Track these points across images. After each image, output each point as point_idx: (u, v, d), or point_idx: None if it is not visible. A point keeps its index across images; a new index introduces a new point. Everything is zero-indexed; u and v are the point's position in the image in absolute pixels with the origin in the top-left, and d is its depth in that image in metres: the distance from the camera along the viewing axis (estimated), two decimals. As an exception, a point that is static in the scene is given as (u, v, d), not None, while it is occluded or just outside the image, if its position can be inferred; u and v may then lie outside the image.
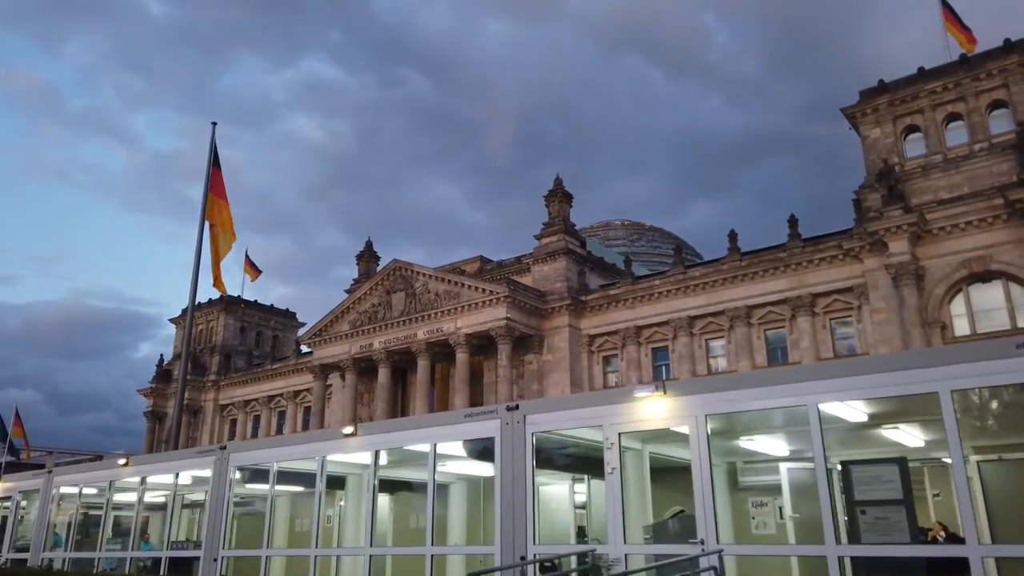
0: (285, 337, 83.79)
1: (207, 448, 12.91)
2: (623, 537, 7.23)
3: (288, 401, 70.97)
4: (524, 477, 7.94)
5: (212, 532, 11.80)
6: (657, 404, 7.49)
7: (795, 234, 49.07)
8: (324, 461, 10.64)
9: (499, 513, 8.07)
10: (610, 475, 7.46)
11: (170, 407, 78.91)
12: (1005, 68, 44.19)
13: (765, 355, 49.03)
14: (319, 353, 62.77)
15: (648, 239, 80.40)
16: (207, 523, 12.06)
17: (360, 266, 68.42)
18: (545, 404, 9.94)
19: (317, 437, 12.69)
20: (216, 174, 32.43)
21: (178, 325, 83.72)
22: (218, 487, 12.03)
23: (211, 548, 11.73)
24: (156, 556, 13.61)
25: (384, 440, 10.00)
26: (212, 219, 31.73)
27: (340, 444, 10.60)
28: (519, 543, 7.75)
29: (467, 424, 9.01)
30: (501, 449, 8.23)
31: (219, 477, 12.05)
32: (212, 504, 11.99)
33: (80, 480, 16.18)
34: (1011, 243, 41.58)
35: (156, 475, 14.59)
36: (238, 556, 12.38)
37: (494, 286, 54.05)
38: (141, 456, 19.78)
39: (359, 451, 10.47)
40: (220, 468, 12.11)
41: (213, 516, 11.91)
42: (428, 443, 9.60)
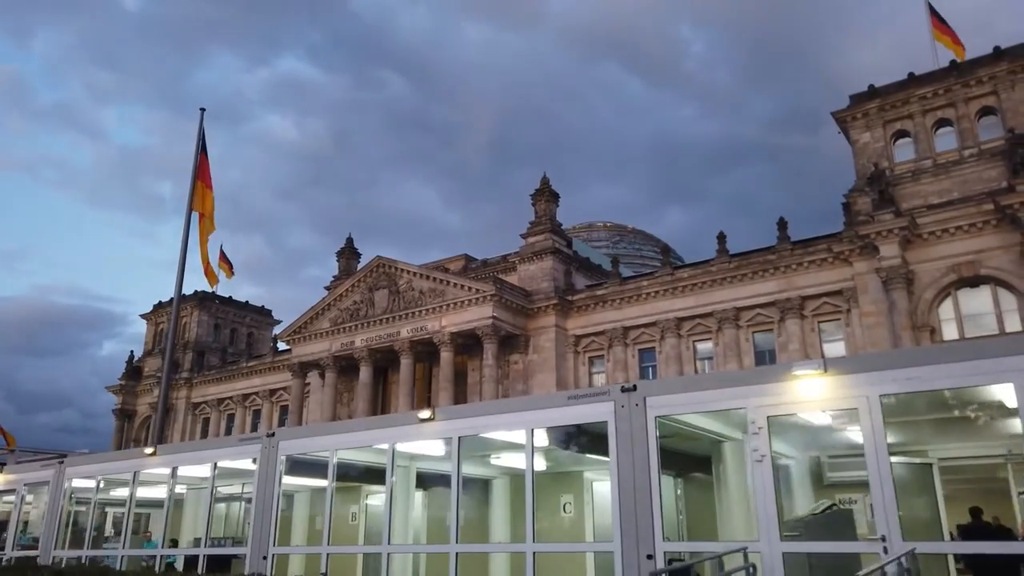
0: (260, 335, 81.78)
1: (251, 436, 11.68)
2: (778, 534, 6.28)
3: (264, 400, 69.09)
4: (647, 466, 6.96)
5: (260, 528, 10.61)
6: (816, 383, 6.56)
7: (784, 236, 48.72)
8: (395, 449, 9.50)
9: (618, 507, 7.08)
10: (758, 463, 6.50)
11: (140, 405, 76.63)
12: (995, 75, 44.28)
13: (753, 357, 48.55)
14: (298, 351, 61.10)
15: (630, 241, 79.89)
16: (254, 518, 10.83)
17: (340, 263, 66.92)
18: (668, 384, 8.97)
19: (386, 423, 11.48)
20: (203, 161, 31.15)
21: (149, 321, 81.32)
22: (266, 479, 10.83)
23: (259, 545, 10.54)
24: (192, 554, 12.34)
25: (466, 426, 8.91)
26: (200, 208, 30.44)
27: (414, 431, 9.45)
28: (644, 540, 6.77)
29: (571, 407, 7.96)
30: (617, 435, 7.24)
31: (267, 468, 10.85)
32: (260, 497, 10.78)
33: (97, 472, 14.77)
34: (1000, 248, 41.56)
35: (188, 466, 13.33)
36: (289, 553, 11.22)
37: (480, 284, 52.96)
38: (171, 445, 18.29)
39: (436, 438, 9.38)
40: (268, 458, 10.91)
41: (261, 511, 10.70)
42: (521, 429, 8.57)
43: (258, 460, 11.08)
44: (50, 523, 14.61)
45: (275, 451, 10.92)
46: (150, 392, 75.22)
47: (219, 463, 12.11)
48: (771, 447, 6.48)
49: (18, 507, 16.08)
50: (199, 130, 30.89)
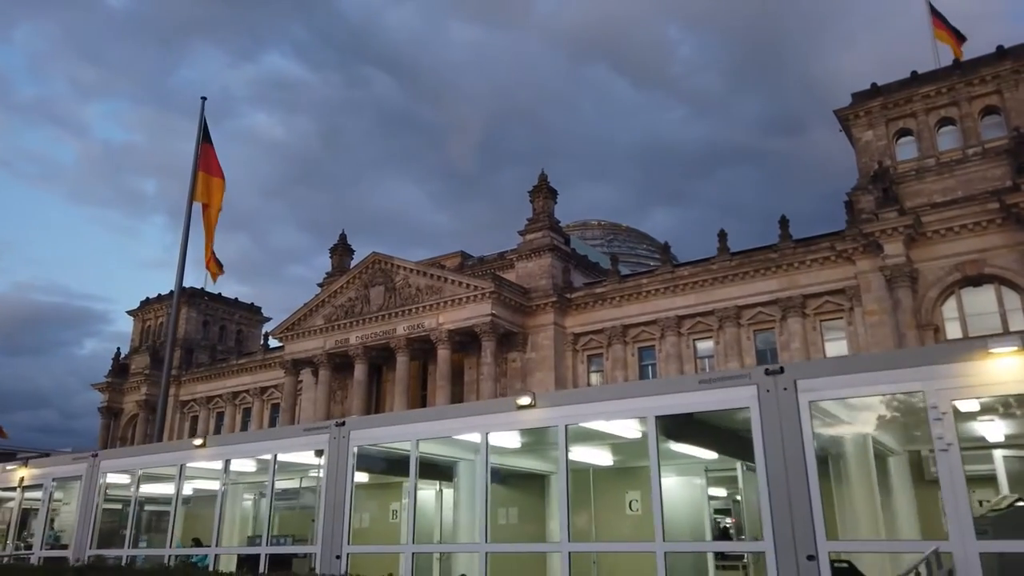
0: (249, 332, 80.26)
1: (318, 425, 10.67)
2: (973, 532, 5.47)
3: (254, 398, 67.66)
4: (802, 457, 6.11)
5: (331, 526, 9.60)
6: (1015, 362, 5.74)
7: (786, 235, 48.18)
8: (487, 439, 8.53)
9: (769, 503, 6.22)
10: (944, 453, 5.68)
11: (127, 403, 74.92)
12: (998, 74, 43.99)
13: (754, 356, 47.95)
14: (291, 348, 59.81)
15: (624, 239, 79.25)
16: (323, 515, 9.81)
17: (334, 259, 65.70)
18: (821, 366, 8.12)
19: (477, 409, 10.43)
20: (208, 151, 30.05)
21: (136, 318, 79.60)
22: (336, 472, 9.81)
23: (331, 544, 9.54)
24: (252, 553, 11.28)
25: (574, 413, 7.96)
26: (204, 198, 29.36)
27: (509, 419, 8.48)
28: (803, 539, 5.93)
29: (703, 392, 7.07)
30: (763, 422, 6.39)
31: (336, 460, 9.84)
32: (329, 493, 9.78)
33: (136, 465, 13.61)
34: (1005, 247, 41.23)
35: (243, 459, 12.25)
36: (367, 553, 10.24)
37: (479, 281, 52.00)
38: (222, 436, 17.17)
39: (536, 426, 8.45)
40: (337, 449, 9.90)
41: (332, 507, 9.70)
42: (635, 417, 7.67)
43: (325, 452, 10.08)
44: (83, 521, 13.47)
45: (346, 442, 9.89)
46: (137, 390, 73.54)
47: (279, 456, 11.05)
48: (956, 434, 5.68)
49: (46, 504, 14.88)
50: (200, 119, 29.84)
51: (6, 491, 16.68)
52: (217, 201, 29.84)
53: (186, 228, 28.58)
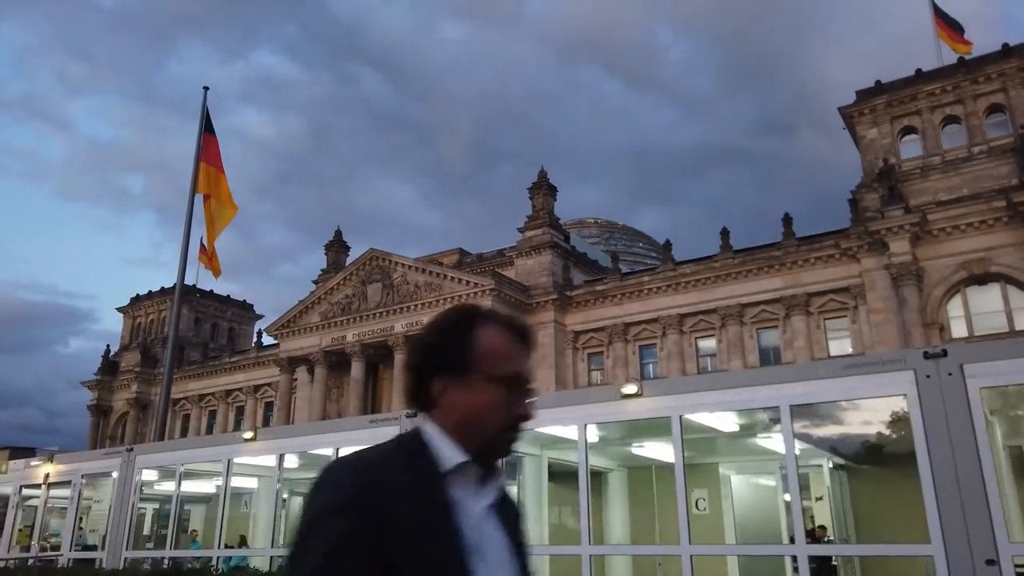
0: (242, 330, 78.93)
1: (387, 416, 9.69)
2: None
3: (248, 396, 66.42)
4: (975, 451, 5.36)
5: None
6: None
7: (789, 233, 47.63)
8: (586, 432, 7.64)
9: (936, 502, 5.45)
10: None
11: (116, 401, 73.48)
12: (1004, 72, 43.62)
13: (757, 355, 47.39)
14: (286, 345, 58.69)
15: (620, 237, 78.68)
16: None
17: (329, 256, 64.59)
18: (991, 349, 7.32)
19: (576, 399, 9.32)
20: (211, 142, 29.08)
21: (126, 315, 78.09)
22: None
23: None
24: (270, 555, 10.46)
25: (689, 403, 7.09)
26: (206, 190, 28.40)
27: (612, 409, 7.47)
28: (980, 541, 5.17)
29: (848, 380, 6.27)
30: (923, 412, 5.60)
31: None
32: None
33: (176, 460, 12.53)
34: (1011, 246, 40.83)
35: (305, 450, 11.22)
36: None
37: (480, 278, 51.16)
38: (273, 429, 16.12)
39: (648, 415, 7.53)
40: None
41: None
42: (765, 406, 6.84)
43: None
44: (118, 520, 12.40)
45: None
46: (127, 387, 72.10)
47: (342, 449, 10.08)
48: None
49: (75, 502, 13.83)
50: (202, 109, 28.88)
51: (29, 488, 15.67)
52: (223, 195, 28.95)
53: (188, 220, 27.62)
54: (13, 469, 16.07)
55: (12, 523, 15.52)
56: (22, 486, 15.65)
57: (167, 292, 75.76)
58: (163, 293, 75.95)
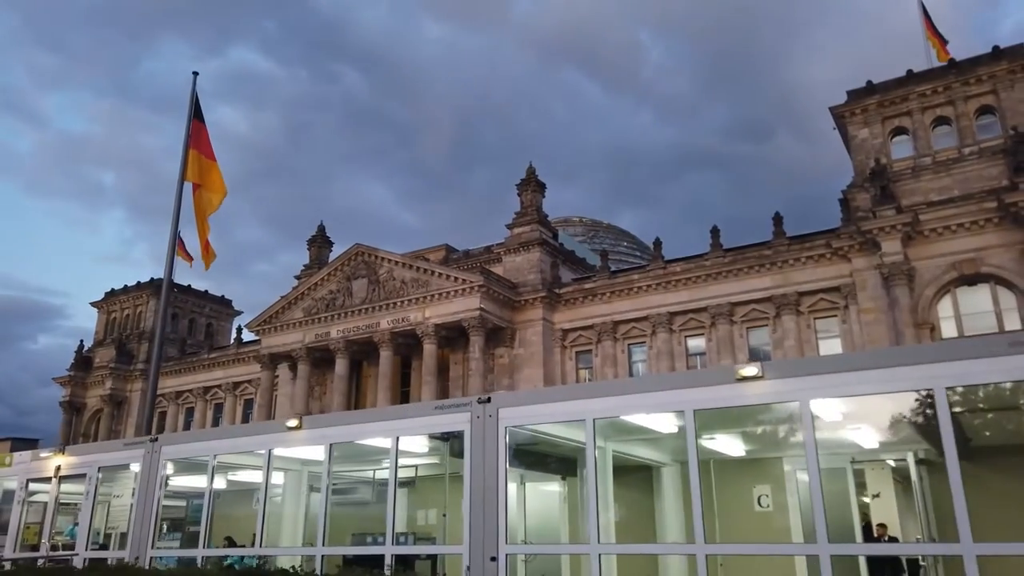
0: (220, 326, 77.22)
1: (456, 402, 8.85)
2: None
3: (227, 393, 64.90)
4: None
5: (481, 522, 7.80)
6: None
7: (780, 232, 47.38)
8: (694, 419, 6.84)
9: None
10: None
11: (90, 397, 71.53)
12: (994, 74, 43.67)
13: (747, 353, 47.06)
14: (268, 342, 57.34)
15: (605, 236, 78.27)
16: (470, 510, 7.97)
17: (311, 252, 63.32)
18: None
19: (683, 382, 8.34)
20: (200, 129, 28.04)
21: (101, 309, 76.04)
22: (482, 458, 7.98)
23: (483, 543, 7.75)
24: (373, 554, 9.38)
25: (820, 385, 6.34)
26: (196, 179, 27.36)
27: (728, 393, 6.72)
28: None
29: (1013, 358, 5.60)
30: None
31: (483, 442, 8.03)
32: (476, 483, 7.94)
33: (209, 451, 11.31)
34: (1002, 246, 40.87)
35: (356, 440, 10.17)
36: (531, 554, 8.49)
37: (468, 275, 50.28)
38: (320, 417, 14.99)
39: (772, 400, 6.76)
40: (483, 430, 8.08)
41: (480, 500, 7.87)
42: (915, 388, 6.09)
43: (468, 434, 8.27)
44: (142, 516, 11.28)
45: (493, 421, 8.11)
46: (101, 384, 70.17)
47: (401, 438, 9.14)
48: None
49: (91, 496, 12.64)
50: (191, 95, 27.84)
51: (37, 482, 14.51)
52: (214, 184, 27.94)
53: (176, 211, 26.60)
54: (18, 462, 14.89)
55: (19, 520, 14.38)
56: (28, 480, 14.52)
57: (143, 287, 74.05)
58: (139, 288, 74.17)
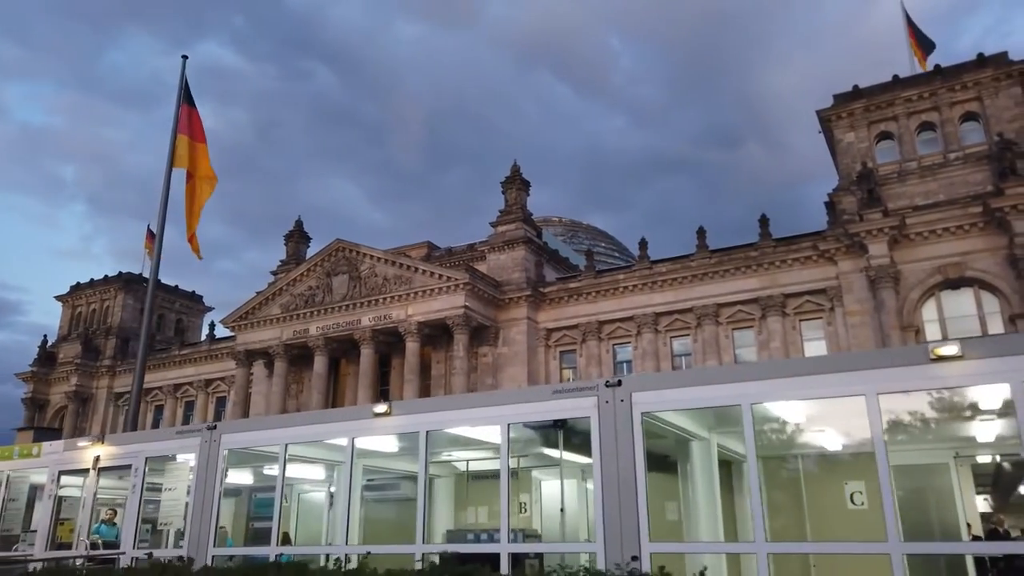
0: (191, 322, 75.05)
1: (578, 385, 7.93)
2: None
3: (198, 391, 63.00)
4: None
5: (617, 518, 6.92)
6: None
7: (766, 233, 47.27)
8: (879, 405, 6.11)
9: None
10: None
11: (54, 394, 69.01)
12: (979, 81, 44.02)
13: (733, 354, 46.86)
14: (244, 338, 55.72)
15: (584, 236, 77.84)
16: (603, 504, 7.08)
17: (289, 247, 61.76)
18: None
19: (864, 361, 7.52)
20: (190, 112, 26.93)
21: (66, 304, 73.42)
22: (615, 446, 7.10)
23: (621, 542, 6.86)
24: (485, 552, 8.42)
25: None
26: (188, 165, 26.26)
27: (916, 375, 5.96)
28: None
29: None
30: None
31: (615, 430, 7.13)
32: (608, 473, 7.04)
33: (280, 439, 10.15)
34: (986, 251, 41.16)
35: (455, 428, 9.36)
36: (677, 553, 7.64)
37: (454, 272, 49.31)
38: (412, 402, 13.74)
39: (983, 383, 6.08)
40: (612, 416, 7.20)
41: (615, 493, 7.00)
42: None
43: (596, 420, 7.40)
44: (200, 512, 10.29)
45: (626, 407, 7.22)
46: (66, 380, 67.71)
47: (513, 427, 8.22)
48: None
49: (139, 490, 11.37)
50: (181, 79, 26.74)
51: (70, 475, 13.21)
52: (204, 168, 26.83)
53: (164, 197, 25.49)
54: (48, 452, 13.54)
55: (51, 517, 13.08)
56: (60, 472, 13.21)
57: (111, 281, 71.76)
58: (106, 282, 71.84)
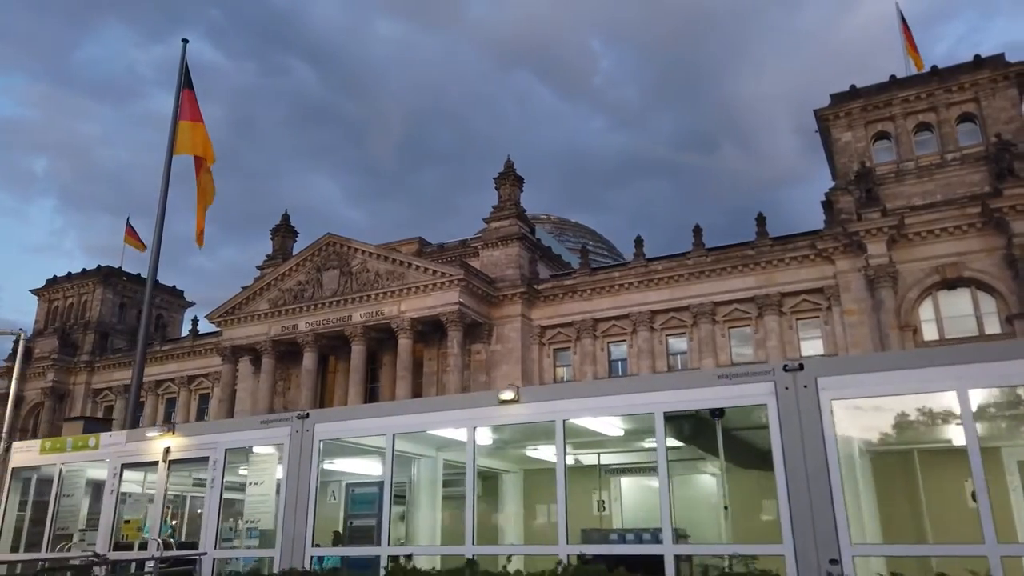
0: (171, 317, 73.08)
1: (750, 370, 7.04)
2: None
3: (180, 387, 61.25)
4: None
5: (811, 516, 6.05)
6: None
7: (763, 232, 46.86)
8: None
9: None
10: None
11: (29, 390, 66.80)
12: (977, 83, 43.99)
13: (729, 353, 46.42)
14: (230, 334, 54.16)
15: (572, 233, 77.19)
16: (788, 502, 6.21)
17: (275, 241, 60.26)
18: None
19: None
20: (188, 96, 25.94)
21: (42, 298, 71.15)
22: (802, 435, 6.25)
23: (817, 542, 6.01)
24: (640, 554, 7.68)
25: None
26: (188, 149, 25.26)
27: None
28: None
29: None
30: None
31: (797, 421, 6.30)
32: (794, 470, 6.19)
33: (385, 428, 9.12)
34: (984, 251, 41.06)
35: (598, 417, 8.47)
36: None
37: (448, 268, 48.26)
38: (552, 387, 12.41)
39: None
40: (797, 404, 6.41)
41: (806, 490, 6.17)
42: None
43: (775, 408, 6.52)
44: (295, 508, 9.26)
45: (812, 393, 6.36)
46: (42, 376, 65.58)
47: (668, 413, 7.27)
48: None
49: (218, 484, 10.26)
50: (181, 63, 25.71)
51: (133, 469, 12.01)
52: (209, 151, 25.89)
53: (165, 185, 24.43)
54: (109, 443, 12.29)
55: (113, 514, 11.73)
56: (123, 465, 12.01)
57: (89, 274, 69.71)
58: (84, 275, 69.75)
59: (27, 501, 13.56)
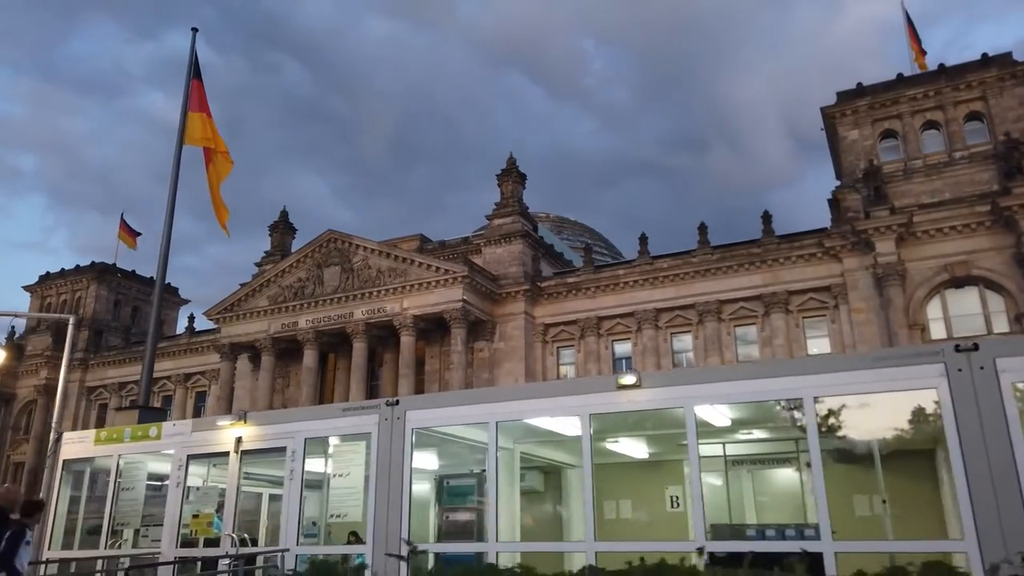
0: (166, 314, 71.78)
1: (914, 350, 6.40)
2: None
3: (177, 385, 60.16)
4: None
5: (996, 510, 5.40)
6: None
7: (769, 230, 46.37)
8: None
9: None
10: None
11: (21, 388, 65.57)
12: (984, 81, 43.66)
13: (735, 352, 45.90)
14: (229, 331, 53.16)
15: (571, 232, 76.60)
16: (970, 496, 5.56)
17: (274, 238, 59.34)
18: None
19: None
20: (197, 87, 25.41)
21: (35, 294, 69.80)
22: (983, 427, 5.67)
23: (1005, 537, 5.38)
24: (731, 550, 7.05)
25: None
26: (197, 140, 24.67)
27: None
28: None
29: None
30: None
31: (975, 407, 5.69)
32: (974, 460, 5.55)
33: (486, 416, 8.45)
34: (993, 250, 40.73)
35: (735, 401, 7.77)
36: None
37: (452, 265, 47.50)
38: (680, 372, 11.50)
39: None
40: (970, 390, 5.77)
41: (990, 482, 5.53)
42: None
43: (946, 393, 5.90)
44: (386, 501, 8.59)
45: (990, 375, 5.81)
46: (35, 373, 64.30)
47: (818, 400, 6.57)
48: None
49: (298, 476, 9.54)
50: (191, 54, 25.14)
51: (199, 459, 11.06)
52: (219, 142, 25.34)
53: (175, 176, 23.83)
54: (172, 433, 11.42)
55: (179, 509, 10.89)
56: (189, 456, 11.15)
57: (83, 270, 68.51)
58: (77, 272, 68.53)
59: (79, 496, 12.69)
